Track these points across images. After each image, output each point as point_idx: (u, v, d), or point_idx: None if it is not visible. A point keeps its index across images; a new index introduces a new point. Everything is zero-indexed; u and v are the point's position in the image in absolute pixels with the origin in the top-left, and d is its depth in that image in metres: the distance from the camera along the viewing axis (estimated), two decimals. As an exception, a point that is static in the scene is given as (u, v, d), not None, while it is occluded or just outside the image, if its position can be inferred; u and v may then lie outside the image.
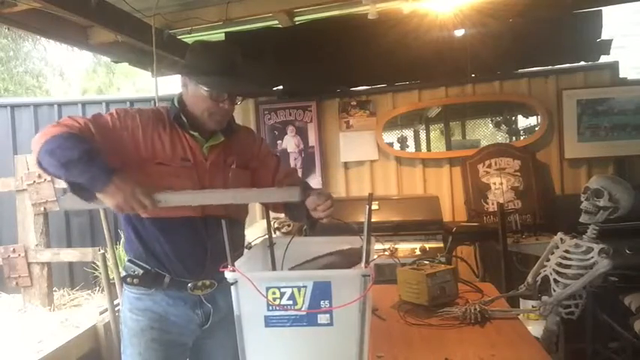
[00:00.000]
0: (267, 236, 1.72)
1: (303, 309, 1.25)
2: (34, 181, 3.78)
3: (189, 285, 1.63)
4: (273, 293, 1.25)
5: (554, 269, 1.77)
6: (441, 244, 3.28)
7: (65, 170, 1.40)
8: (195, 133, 1.64)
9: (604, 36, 3.76)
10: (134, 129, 1.58)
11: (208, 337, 1.73)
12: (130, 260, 1.68)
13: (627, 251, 2.78)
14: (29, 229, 3.85)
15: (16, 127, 4.69)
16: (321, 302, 1.24)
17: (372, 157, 4.15)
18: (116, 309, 3.05)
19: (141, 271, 1.63)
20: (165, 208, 1.49)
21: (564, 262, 1.76)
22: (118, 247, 4.04)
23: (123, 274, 1.69)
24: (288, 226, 3.46)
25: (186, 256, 1.62)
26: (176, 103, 1.67)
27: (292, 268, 1.55)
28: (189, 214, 1.58)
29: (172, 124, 1.64)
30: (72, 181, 1.44)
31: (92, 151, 1.42)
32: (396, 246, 3.20)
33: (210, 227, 1.61)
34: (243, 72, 1.64)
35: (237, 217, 1.73)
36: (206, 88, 1.58)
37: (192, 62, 1.63)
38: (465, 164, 3.93)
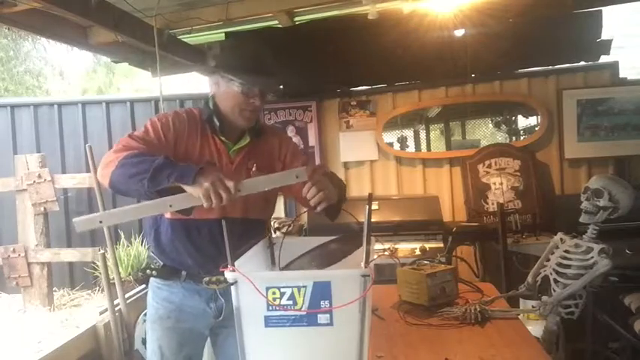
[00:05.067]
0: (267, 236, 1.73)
1: (303, 309, 1.25)
2: (34, 181, 3.78)
3: (204, 279, 1.64)
4: (273, 293, 1.25)
5: (554, 269, 1.77)
6: (441, 244, 3.29)
7: (151, 179, 1.42)
8: (224, 138, 1.71)
9: (604, 36, 3.76)
10: (169, 138, 1.65)
11: (224, 326, 1.79)
12: (153, 252, 1.81)
13: (627, 251, 2.78)
14: (29, 229, 3.84)
15: (16, 127, 4.67)
16: (321, 302, 1.24)
17: (372, 157, 4.15)
18: (116, 309, 3.05)
19: (161, 264, 1.77)
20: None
21: (564, 262, 1.76)
22: (117, 247, 4.04)
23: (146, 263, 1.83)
24: (289, 226, 3.46)
25: (204, 256, 1.70)
26: (210, 105, 1.73)
27: (289, 264, 1.55)
28: (208, 216, 1.63)
29: (204, 127, 1.71)
30: (153, 190, 1.44)
31: (167, 157, 1.48)
32: (396, 246, 3.20)
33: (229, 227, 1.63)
34: (273, 69, 1.72)
35: (258, 216, 1.79)
36: (238, 82, 1.63)
37: (225, 59, 1.70)
38: (465, 164, 3.93)
